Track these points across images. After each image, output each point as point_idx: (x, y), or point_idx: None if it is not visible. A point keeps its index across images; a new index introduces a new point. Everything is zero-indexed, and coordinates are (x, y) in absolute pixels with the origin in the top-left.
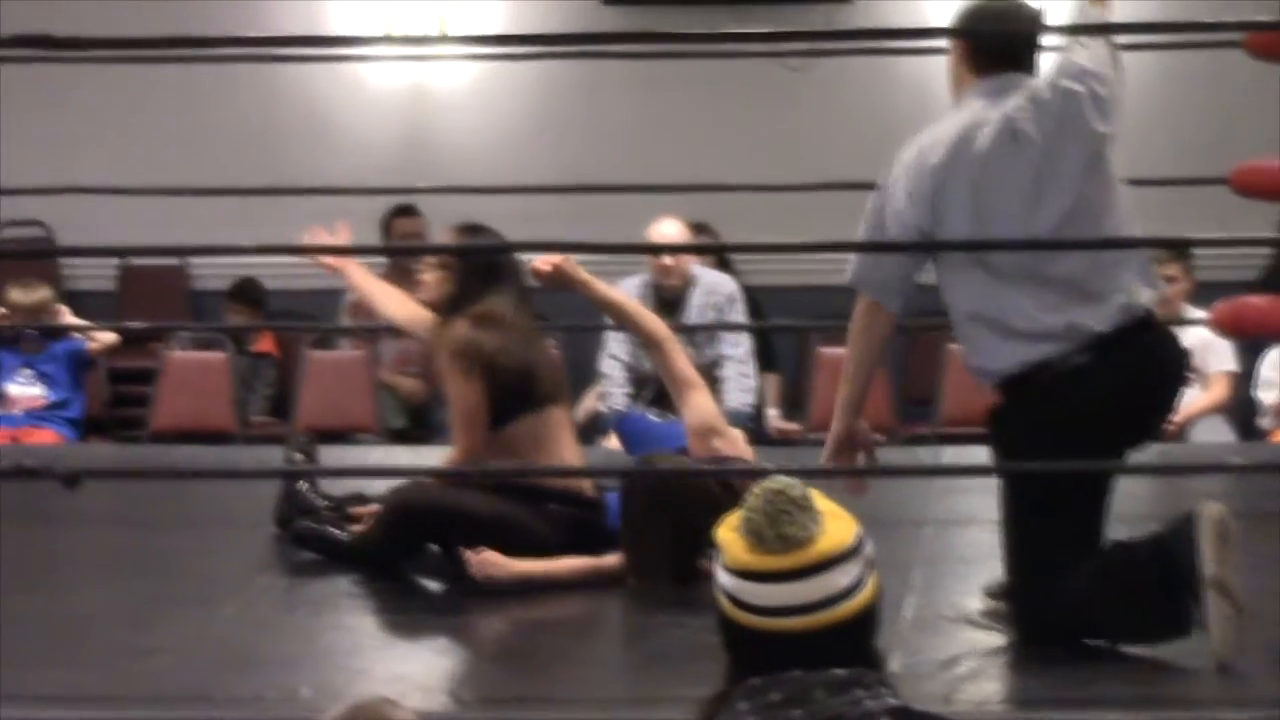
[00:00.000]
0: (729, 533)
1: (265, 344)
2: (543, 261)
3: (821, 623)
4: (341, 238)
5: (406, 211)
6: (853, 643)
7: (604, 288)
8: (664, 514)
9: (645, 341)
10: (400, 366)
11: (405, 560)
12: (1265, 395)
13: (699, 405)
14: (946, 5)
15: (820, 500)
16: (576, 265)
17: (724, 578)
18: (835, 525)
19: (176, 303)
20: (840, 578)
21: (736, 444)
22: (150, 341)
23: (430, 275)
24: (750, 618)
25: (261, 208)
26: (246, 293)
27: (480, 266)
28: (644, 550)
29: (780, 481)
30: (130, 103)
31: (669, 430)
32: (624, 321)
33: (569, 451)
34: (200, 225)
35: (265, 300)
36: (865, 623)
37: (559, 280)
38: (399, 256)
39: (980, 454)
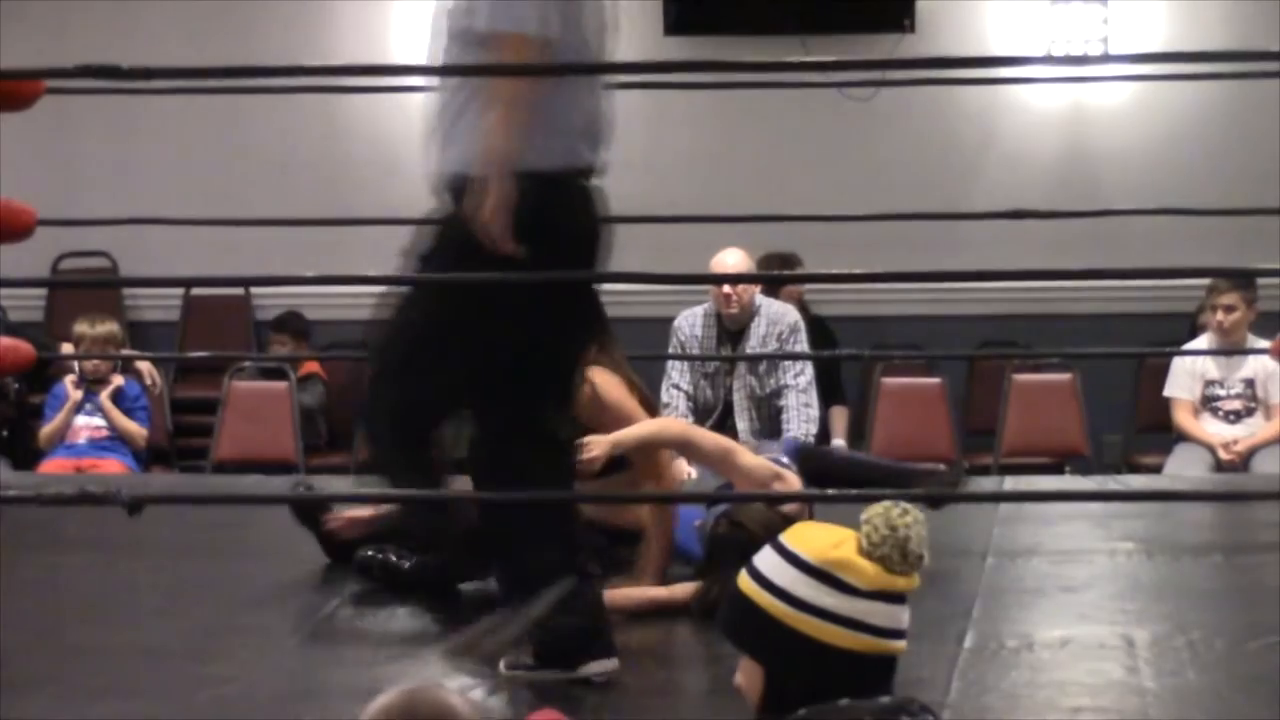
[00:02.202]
0: (855, 556)
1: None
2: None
3: (902, 647)
4: None
5: None
6: (892, 672)
7: (625, 436)
8: (750, 541)
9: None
10: None
11: (466, 584)
12: None
13: (748, 464)
14: (1008, 34)
15: None
16: (606, 444)
17: (846, 602)
18: None
19: (239, 333)
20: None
21: (794, 485)
22: (214, 372)
23: None
24: (869, 641)
25: (325, 238)
26: (290, 324)
27: None
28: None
29: (907, 504)
30: (195, 133)
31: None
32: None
33: None
34: (263, 255)
35: (309, 331)
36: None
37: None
38: None
39: (1044, 483)
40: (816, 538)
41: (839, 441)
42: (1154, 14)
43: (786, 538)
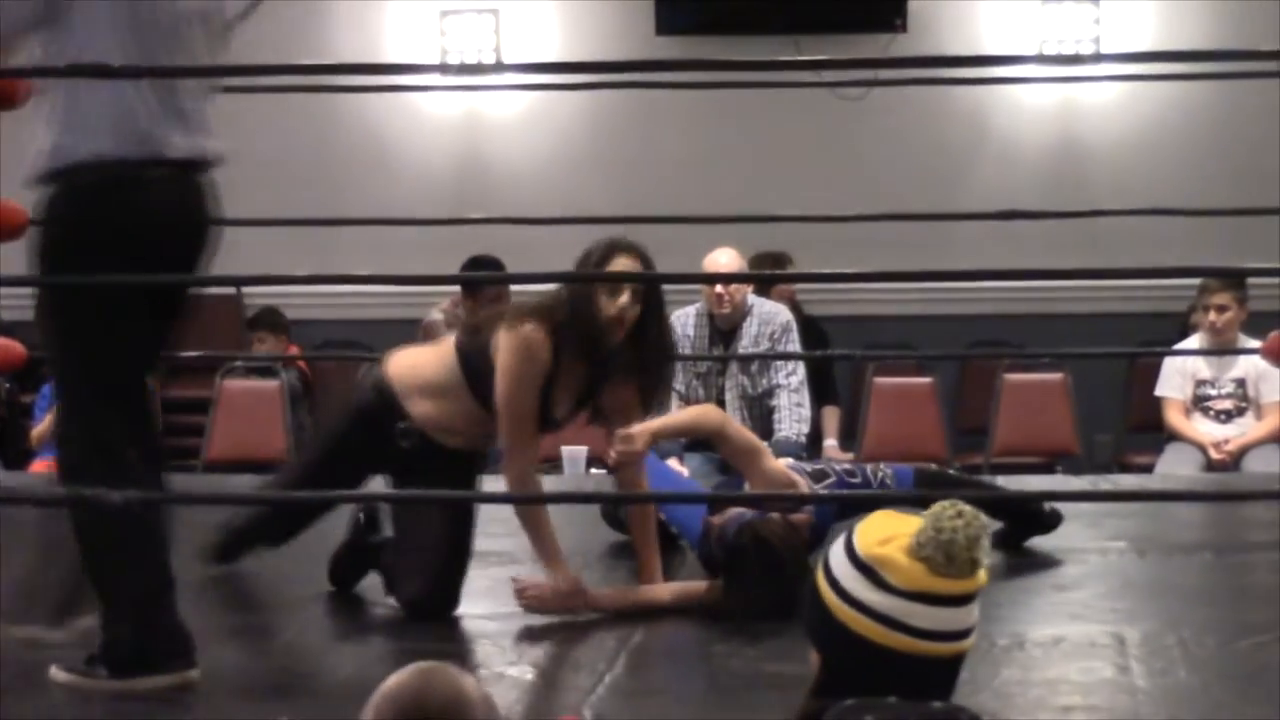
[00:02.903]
0: (898, 553)
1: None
2: (616, 454)
3: (957, 650)
4: None
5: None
6: (955, 674)
7: (666, 424)
8: (771, 554)
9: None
10: None
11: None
12: None
13: (769, 468)
14: (999, 33)
15: None
16: (648, 432)
17: (883, 599)
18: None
19: (231, 332)
20: (977, 608)
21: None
22: (204, 371)
23: None
24: (907, 641)
25: (318, 237)
26: (266, 320)
27: None
28: (750, 587)
29: (963, 505)
30: None
31: (681, 484)
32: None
33: None
34: (255, 254)
35: (288, 326)
36: (967, 654)
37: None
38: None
39: (1038, 483)
40: (876, 530)
41: (830, 441)
42: (1145, 13)
43: (857, 525)
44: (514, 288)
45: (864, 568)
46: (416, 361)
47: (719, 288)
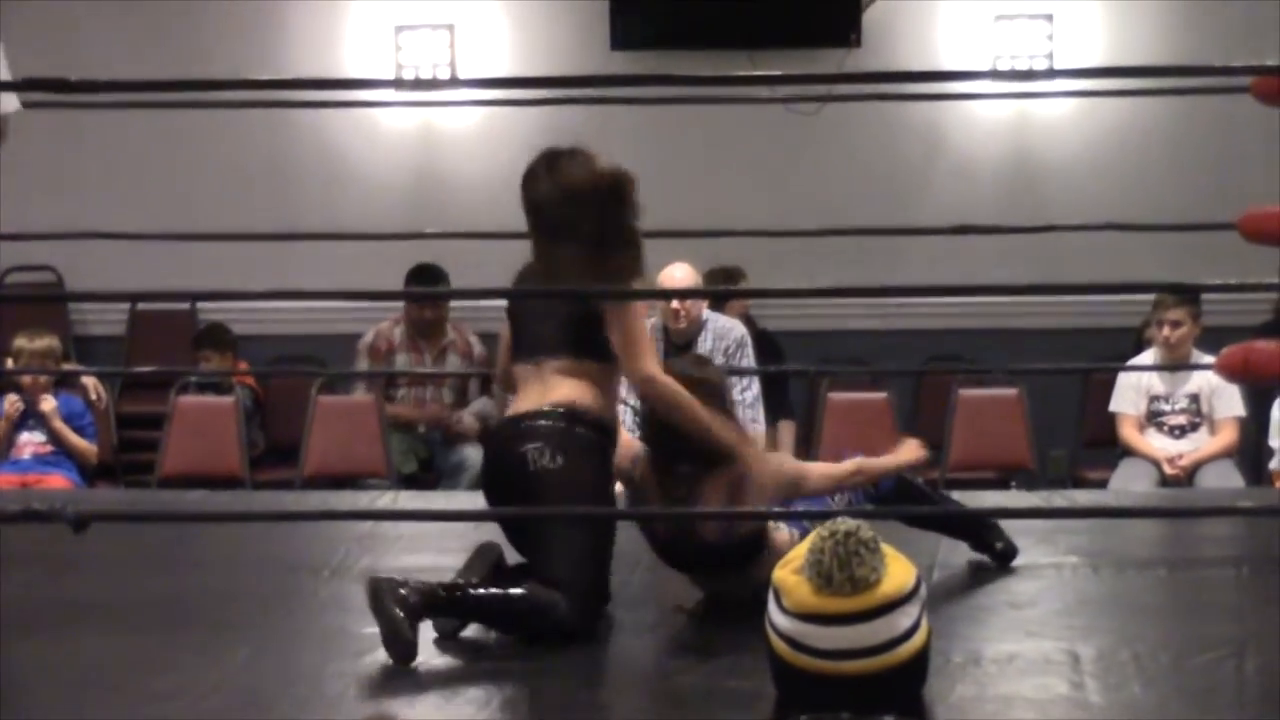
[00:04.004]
0: (791, 576)
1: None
2: None
3: (880, 665)
4: None
5: (430, 276)
6: (905, 686)
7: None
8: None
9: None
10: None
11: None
12: (1276, 441)
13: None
14: (953, 48)
15: (882, 543)
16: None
17: (784, 621)
18: (897, 567)
19: (186, 348)
20: (902, 620)
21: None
22: (159, 386)
23: None
24: (811, 661)
25: (272, 251)
26: (211, 337)
27: None
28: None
29: (849, 523)
30: (142, 146)
31: None
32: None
33: None
34: (211, 269)
35: (234, 343)
36: (919, 666)
37: None
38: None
39: (992, 498)
40: (792, 552)
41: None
42: (1096, 29)
43: None
44: (456, 302)
45: (773, 590)
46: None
47: (675, 303)
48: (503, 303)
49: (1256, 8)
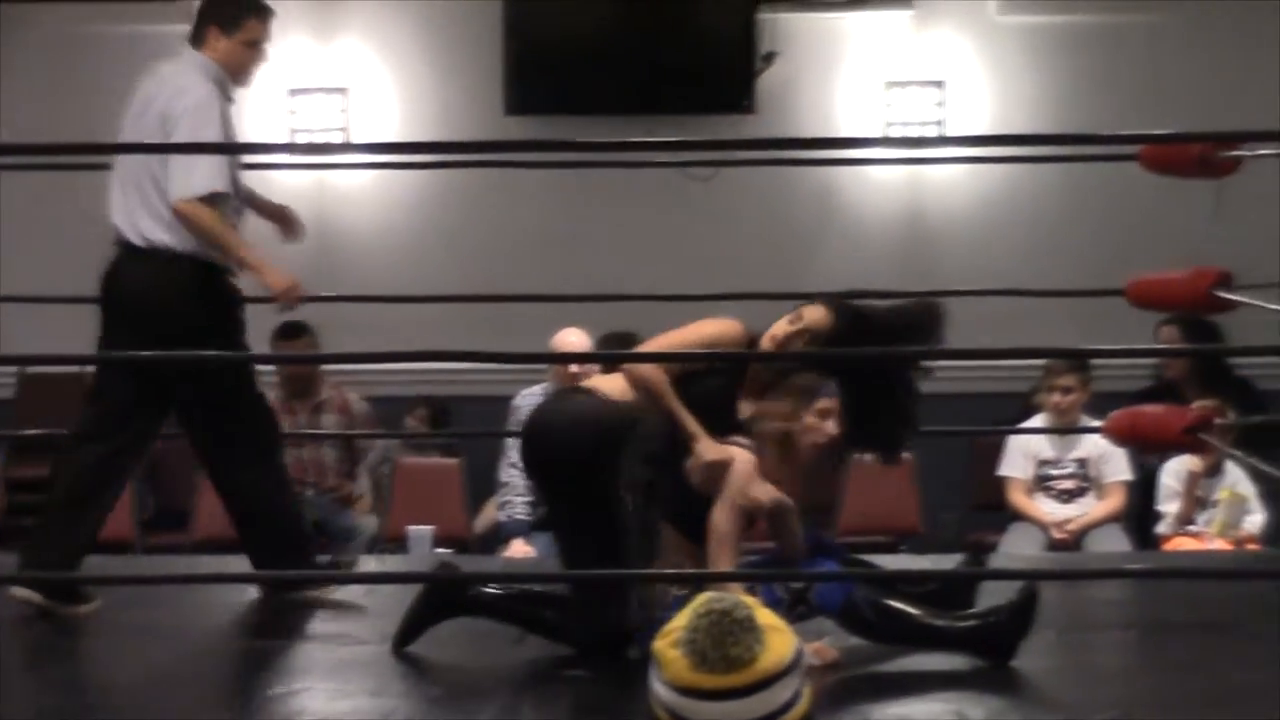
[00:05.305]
0: (670, 649)
1: None
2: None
3: None
4: None
5: (295, 333)
6: None
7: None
8: None
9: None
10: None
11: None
12: (1166, 506)
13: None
14: (846, 115)
15: (761, 614)
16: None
17: (664, 692)
18: (776, 640)
19: (76, 411)
20: (781, 693)
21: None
22: (51, 450)
23: None
24: None
25: None
26: None
27: None
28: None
29: (725, 601)
30: (32, 206)
31: None
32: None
33: None
34: (87, 332)
35: None
36: None
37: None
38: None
39: (882, 563)
40: (674, 624)
41: None
42: (986, 97)
43: None
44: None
45: (652, 660)
46: None
47: (572, 367)
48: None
49: (1143, 78)
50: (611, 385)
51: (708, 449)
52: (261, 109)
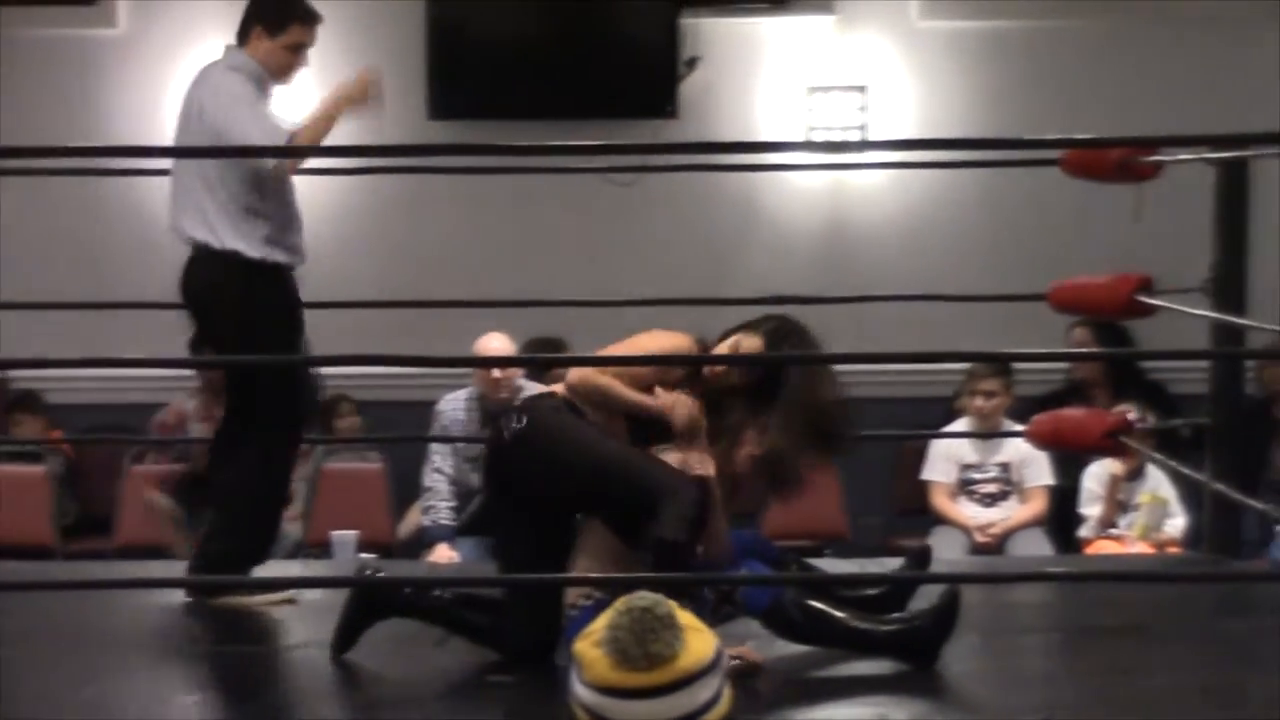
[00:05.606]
0: (590, 649)
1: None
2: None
3: None
4: None
5: None
6: None
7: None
8: None
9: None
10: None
11: None
12: (1088, 509)
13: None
14: (769, 119)
15: (681, 614)
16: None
17: (584, 693)
18: (697, 640)
19: None
20: (702, 692)
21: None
22: None
23: None
24: None
25: (82, 319)
26: (28, 403)
27: None
28: None
29: (646, 599)
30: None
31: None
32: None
33: None
34: (21, 337)
35: (46, 409)
36: None
37: None
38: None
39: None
40: (596, 625)
41: None
42: (909, 102)
43: None
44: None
45: (574, 662)
46: None
47: (495, 372)
48: None
49: (1065, 83)
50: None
51: (678, 414)
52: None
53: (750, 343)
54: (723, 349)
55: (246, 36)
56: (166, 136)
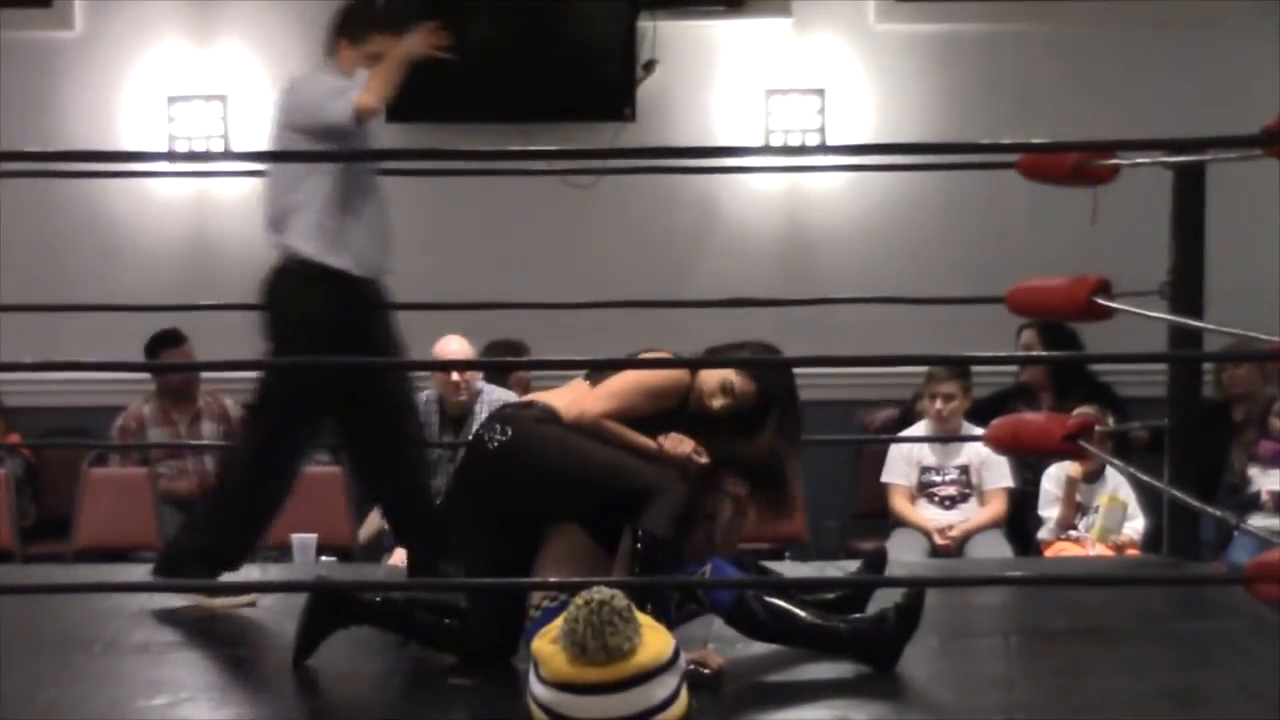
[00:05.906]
0: (549, 645)
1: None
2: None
3: None
4: None
5: (173, 341)
6: None
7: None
8: None
9: None
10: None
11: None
12: (1046, 511)
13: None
14: (727, 123)
15: (639, 613)
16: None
17: (541, 690)
18: (654, 637)
19: None
20: (658, 690)
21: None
22: None
23: None
24: None
25: (40, 323)
26: None
27: None
28: None
29: (604, 592)
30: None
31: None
32: None
33: None
34: None
35: (6, 415)
36: None
37: None
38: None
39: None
40: (554, 624)
41: None
42: (867, 106)
43: None
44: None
45: (532, 660)
46: None
47: (454, 375)
48: None
49: (1022, 87)
50: (559, 402)
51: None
52: (139, 117)
53: (744, 384)
54: (712, 384)
55: (333, 48)
56: (123, 138)
